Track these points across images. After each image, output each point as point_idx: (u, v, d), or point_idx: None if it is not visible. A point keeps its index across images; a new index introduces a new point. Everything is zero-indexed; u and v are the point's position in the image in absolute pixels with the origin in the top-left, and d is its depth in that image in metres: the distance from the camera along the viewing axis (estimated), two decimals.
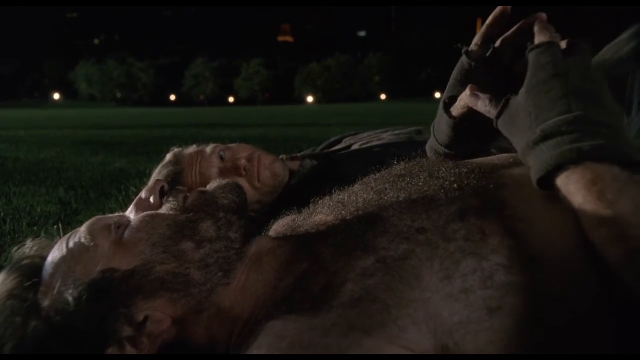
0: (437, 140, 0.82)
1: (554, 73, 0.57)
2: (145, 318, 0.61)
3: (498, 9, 0.69)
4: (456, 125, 0.75)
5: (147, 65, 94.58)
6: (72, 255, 0.63)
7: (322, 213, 0.70)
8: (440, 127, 0.80)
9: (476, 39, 0.72)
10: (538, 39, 0.61)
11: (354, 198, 0.68)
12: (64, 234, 0.69)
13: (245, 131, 8.12)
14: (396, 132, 1.63)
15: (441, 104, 0.78)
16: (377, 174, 0.74)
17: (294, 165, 1.51)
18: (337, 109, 25.57)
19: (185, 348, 0.64)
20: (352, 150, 1.54)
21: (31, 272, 0.63)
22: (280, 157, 1.54)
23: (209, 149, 1.39)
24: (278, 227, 0.80)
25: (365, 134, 1.68)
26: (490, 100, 0.64)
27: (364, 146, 1.53)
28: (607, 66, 1.71)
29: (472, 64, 0.72)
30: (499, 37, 0.70)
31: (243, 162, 1.35)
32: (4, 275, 0.64)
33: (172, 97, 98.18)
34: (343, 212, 0.66)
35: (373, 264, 0.53)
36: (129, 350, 0.60)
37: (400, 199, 0.62)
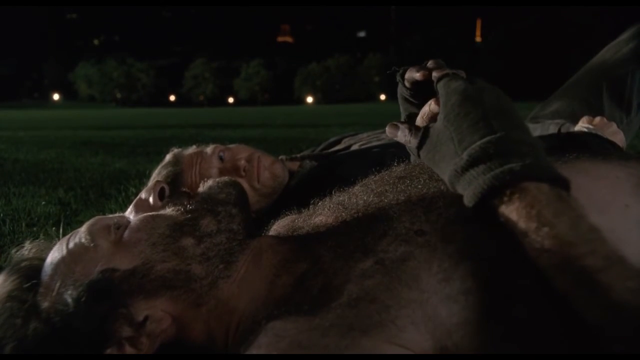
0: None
1: (467, 95, 0.57)
2: (146, 318, 0.61)
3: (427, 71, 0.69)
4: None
5: (147, 66, 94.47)
6: (72, 256, 0.63)
7: (322, 215, 0.70)
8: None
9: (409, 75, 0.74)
10: (441, 72, 0.63)
11: (354, 200, 0.68)
12: (63, 235, 0.69)
13: (245, 132, 8.12)
14: None
15: None
16: (377, 176, 0.74)
17: (294, 166, 1.51)
18: (337, 110, 25.57)
19: (184, 347, 0.64)
20: (352, 150, 1.54)
21: (30, 273, 0.63)
22: (280, 158, 1.54)
23: (208, 149, 1.39)
24: (278, 227, 0.80)
25: (365, 135, 1.68)
26: (410, 130, 0.63)
27: (363, 147, 1.53)
28: (606, 67, 1.71)
29: (410, 90, 0.76)
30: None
31: (243, 163, 1.35)
32: (3, 278, 0.64)
33: (172, 98, 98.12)
34: (343, 214, 0.66)
35: (372, 266, 0.53)
36: (129, 350, 0.60)
37: (400, 201, 0.62)
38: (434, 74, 0.64)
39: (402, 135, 0.64)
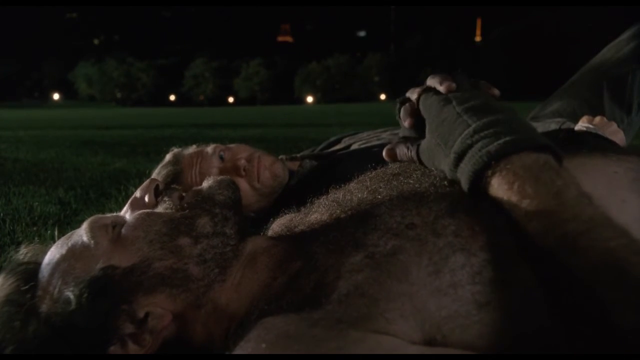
0: None
1: (441, 104, 0.60)
2: (147, 314, 0.61)
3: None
4: None
5: (147, 65, 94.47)
6: (73, 253, 0.63)
7: (317, 212, 0.71)
8: None
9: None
10: (415, 93, 0.66)
11: (349, 197, 0.69)
12: (62, 235, 0.69)
13: (245, 131, 8.13)
14: (396, 132, 1.63)
15: None
16: (373, 173, 0.74)
17: (294, 165, 1.51)
18: (337, 110, 25.57)
19: (184, 347, 0.65)
20: (352, 150, 1.54)
21: (28, 276, 0.63)
22: (280, 157, 1.54)
23: (208, 149, 1.38)
24: (276, 227, 0.80)
25: (365, 134, 1.68)
26: (407, 148, 0.67)
27: (363, 146, 1.53)
28: (607, 66, 1.71)
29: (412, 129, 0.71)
30: None
31: (243, 162, 1.35)
32: (0, 281, 0.64)
33: (172, 98, 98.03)
34: (338, 211, 0.67)
35: (362, 260, 0.54)
36: (132, 347, 0.60)
37: (393, 197, 0.62)
38: (412, 97, 0.67)
39: (402, 154, 0.68)
